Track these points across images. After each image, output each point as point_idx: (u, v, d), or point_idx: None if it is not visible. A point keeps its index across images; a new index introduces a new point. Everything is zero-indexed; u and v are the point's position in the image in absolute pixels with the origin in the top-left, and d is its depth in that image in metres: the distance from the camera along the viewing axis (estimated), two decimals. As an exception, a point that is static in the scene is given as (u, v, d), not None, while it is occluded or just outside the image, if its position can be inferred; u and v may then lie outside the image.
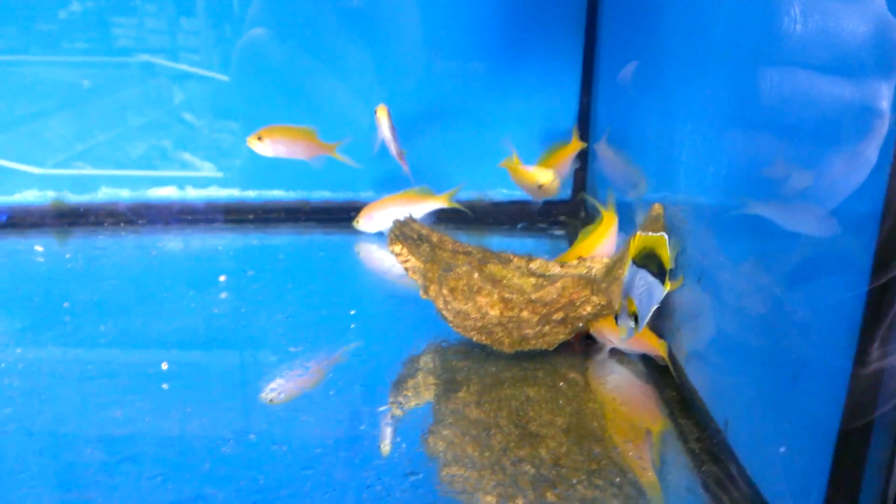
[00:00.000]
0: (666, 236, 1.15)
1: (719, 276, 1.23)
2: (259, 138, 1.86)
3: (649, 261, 1.14)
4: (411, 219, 1.62)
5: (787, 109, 1.00)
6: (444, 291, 1.36)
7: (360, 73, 2.13)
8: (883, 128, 0.82)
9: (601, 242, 1.58)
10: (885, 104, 0.82)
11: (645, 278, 1.13)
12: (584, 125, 2.14)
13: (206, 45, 2.10)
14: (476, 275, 1.34)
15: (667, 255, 1.16)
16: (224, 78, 2.11)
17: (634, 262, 1.13)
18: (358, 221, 2.01)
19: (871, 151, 0.83)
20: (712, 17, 1.26)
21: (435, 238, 1.60)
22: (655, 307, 1.16)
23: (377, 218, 2.00)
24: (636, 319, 1.12)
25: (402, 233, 1.54)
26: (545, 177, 1.57)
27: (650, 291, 1.14)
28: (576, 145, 2.03)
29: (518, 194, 2.19)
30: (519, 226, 2.20)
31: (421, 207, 2.00)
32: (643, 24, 1.68)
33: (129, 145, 2.13)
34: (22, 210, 2.09)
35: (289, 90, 2.12)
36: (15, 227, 2.06)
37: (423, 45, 2.13)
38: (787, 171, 1.02)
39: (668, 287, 1.16)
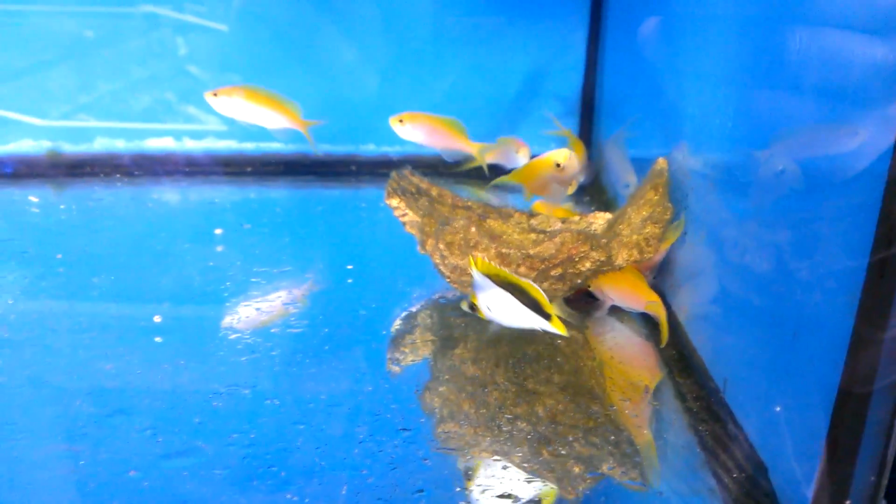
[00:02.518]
0: (534, 285, 1.14)
1: (722, 232, 1.20)
2: (214, 94, 1.74)
3: (518, 291, 1.15)
4: (410, 172, 1.58)
5: (797, 68, 0.96)
6: (441, 246, 1.33)
7: (366, 27, 2.07)
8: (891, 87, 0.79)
9: None
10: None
11: (505, 300, 1.15)
12: (591, 80, 2.09)
13: None
14: (473, 229, 1.32)
15: (542, 298, 1.13)
16: (223, 27, 2.05)
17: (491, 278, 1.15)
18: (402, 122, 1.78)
19: (889, 111, 0.80)
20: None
21: (434, 192, 1.57)
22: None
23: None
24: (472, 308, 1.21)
25: (401, 186, 1.51)
26: (561, 155, 1.43)
27: (509, 313, 1.16)
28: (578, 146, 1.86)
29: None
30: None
31: (450, 144, 1.80)
32: None
33: (132, 97, 2.09)
34: (18, 160, 2.06)
35: (293, 43, 2.07)
36: (11, 178, 2.03)
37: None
38: (794, 128, 0.98)
39: (557, 327, 1.13)
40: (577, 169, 1.40)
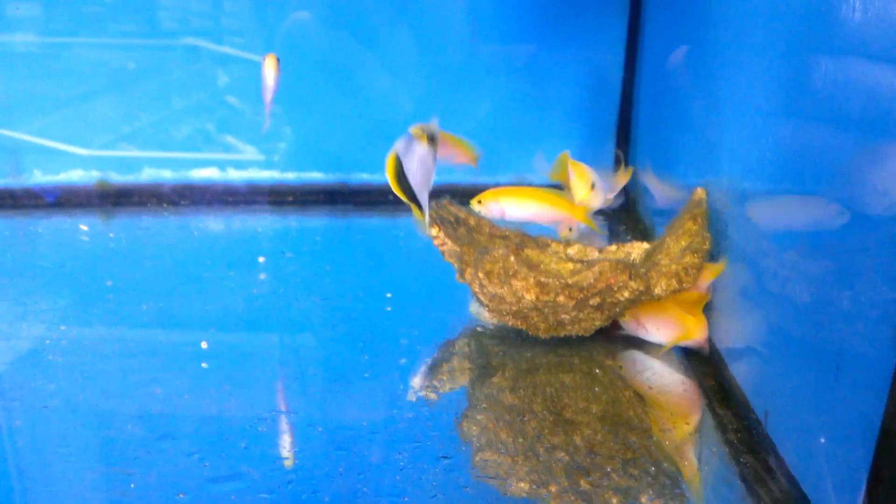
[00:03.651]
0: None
1: (762, 262, 1.20)
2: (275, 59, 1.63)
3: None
4: (449, 201, 1.61)
5: (837, 98, 0.96)
6: (480, 275, 1.35)
7: (403, 58, 2.11)
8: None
9: None
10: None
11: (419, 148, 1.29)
12: (627, 110, 2.11)
13: (250, 28, 2.11)
14: (512, 258, 1.33)
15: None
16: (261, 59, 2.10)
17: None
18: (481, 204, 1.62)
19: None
20: (762, 1, 1.23)
21: (472, 221, 1.59)
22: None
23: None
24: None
25: (439, 216, 1.54)
26: (581, 192, 1.40)
27: (423, 159, 1.30)
28: (624, 176, 1.86)
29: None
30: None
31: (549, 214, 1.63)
32: (689, 7, 1.64)
33: (174, 127, 2.15)
34: (68, 190, 2.13)
35: (332, 72, 2.12)
36: (61, 207, 2.10)
37: (466, 28, 2.11)
38: (834, 159, 0.99)
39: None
40: (600, 203, 1.41)
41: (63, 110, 2.10)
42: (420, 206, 1.31)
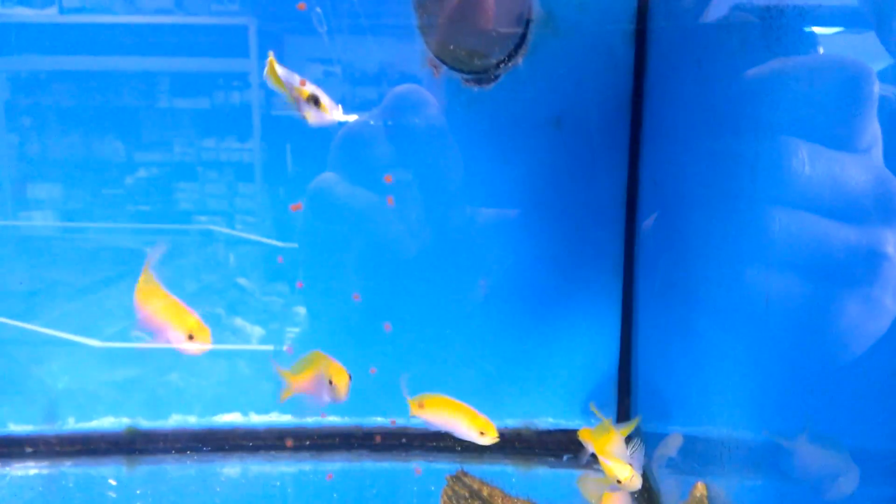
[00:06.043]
0: None
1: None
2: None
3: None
4: (463, 472, 1.70)
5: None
6: (495, 563, 1.42)
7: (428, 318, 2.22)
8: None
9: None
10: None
11: None
12: (626, 370, 2.23)
13: (263, 210, 2.18)
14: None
15: None
16: (277, 243, 2.19)
17: None
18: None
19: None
20: (740, 272, 1.35)
21: (486, 492, 1.68)
22: None
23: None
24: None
25: (454, 491, 1.63)
26: (624, 472, 1.33)
27: None
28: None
29: (564, 423, 2.28)
30: (565, 457, 2.25)
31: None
32: (679, 276, 1.77)
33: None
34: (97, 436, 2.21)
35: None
36: (90, 454, 2.18)
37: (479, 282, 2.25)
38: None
39: None
40: (639, 485, 1.45)
41: (78, 299, 2.14)
42: None
